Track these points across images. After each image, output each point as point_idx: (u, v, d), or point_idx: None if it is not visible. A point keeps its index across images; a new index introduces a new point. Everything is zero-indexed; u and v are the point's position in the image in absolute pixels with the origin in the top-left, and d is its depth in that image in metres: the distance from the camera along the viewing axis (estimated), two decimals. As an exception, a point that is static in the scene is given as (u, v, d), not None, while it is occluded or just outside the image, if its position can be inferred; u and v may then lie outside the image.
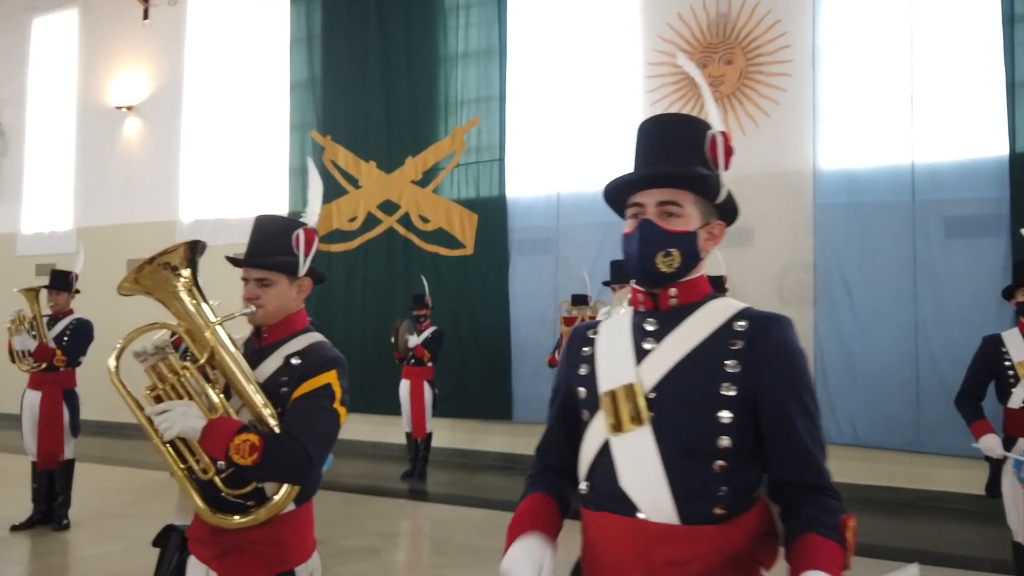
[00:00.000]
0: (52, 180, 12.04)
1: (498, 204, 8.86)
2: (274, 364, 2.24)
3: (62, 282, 5.98)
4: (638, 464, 1.53)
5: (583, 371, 1.68)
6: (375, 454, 9.07)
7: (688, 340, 1.57)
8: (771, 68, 7.69)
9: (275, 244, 2.29)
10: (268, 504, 2.14)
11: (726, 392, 1.52)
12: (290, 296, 2.31)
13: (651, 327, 1.62)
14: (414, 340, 7.91)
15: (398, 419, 8.20)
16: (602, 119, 8.43)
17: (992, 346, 4.19)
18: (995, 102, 6.80)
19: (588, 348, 1.71)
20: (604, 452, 1.59)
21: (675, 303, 1.62)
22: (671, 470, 1.51)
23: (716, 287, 2.07)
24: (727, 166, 1.61)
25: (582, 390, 1.67)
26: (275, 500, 2.14)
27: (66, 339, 5.91)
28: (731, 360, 1.53)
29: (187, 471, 2.15)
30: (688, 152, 1.60)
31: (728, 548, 1.49)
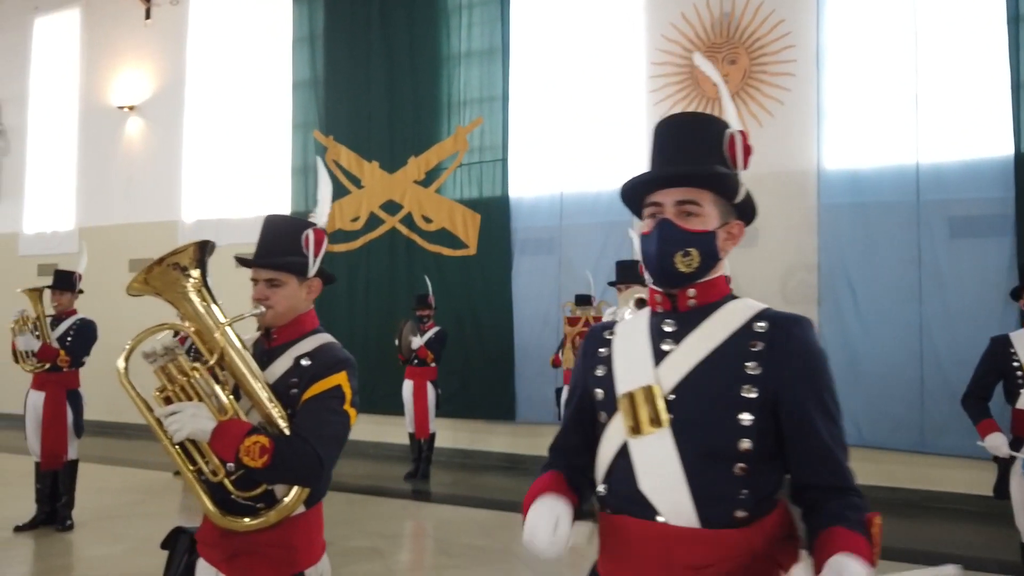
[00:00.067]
0: (54, 180, 12.01)
1: (501, 204, 8.83)
2: (284, 365, 2.22)
3: (66, 282, 5.96)
4: (657, 467, 1.52)
5: (600, 372, 1.66)
6: (378, 455, 9.05)
7: (707, 341, 1.55)
8: (775, 68, 7.67)
9: (285, 244, 2.27)
10: (278, 506, 2.12)
11: (747, 394, 1.50)
12: (300, 297, 2.28)
13: (670, 328, 1.60)
14: (417, 341, 7.88)
15: (401, 419, 8.18)
16: (605, 119, 8.42)
17: (1000, 347, 4.21)
18: (1000, 102, 6.78)
19: (605, 349, 1.69)
20: (623, 454, 1.57)
21: (694, 304, 1.60)
22: (691, 473, 1.49)
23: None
24: (746, 165, 1.59)
25: (599, 391, 1.65)
26: (285, 502, 2.12)
27: (69, 339, 5.89)
28: (752, 362, 1.51)
29: (196, 473, 2.13)
30: (706, 151, 1.58)
31: (749, 551, 1.47)
